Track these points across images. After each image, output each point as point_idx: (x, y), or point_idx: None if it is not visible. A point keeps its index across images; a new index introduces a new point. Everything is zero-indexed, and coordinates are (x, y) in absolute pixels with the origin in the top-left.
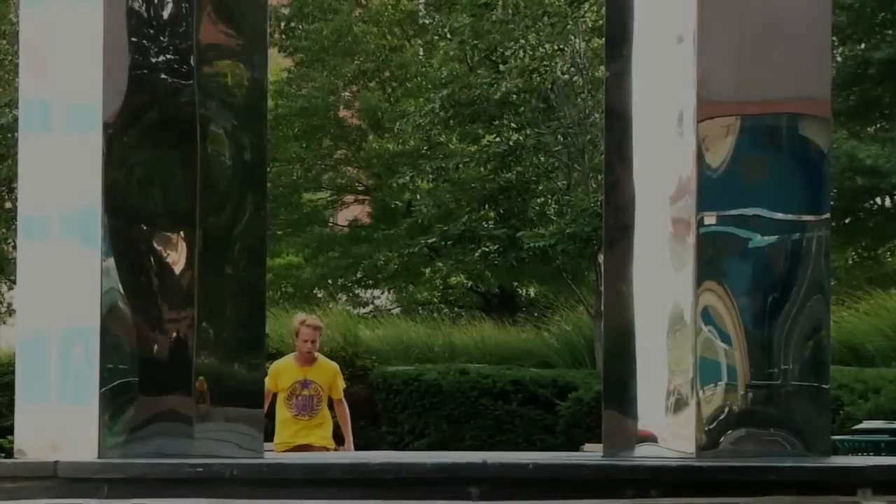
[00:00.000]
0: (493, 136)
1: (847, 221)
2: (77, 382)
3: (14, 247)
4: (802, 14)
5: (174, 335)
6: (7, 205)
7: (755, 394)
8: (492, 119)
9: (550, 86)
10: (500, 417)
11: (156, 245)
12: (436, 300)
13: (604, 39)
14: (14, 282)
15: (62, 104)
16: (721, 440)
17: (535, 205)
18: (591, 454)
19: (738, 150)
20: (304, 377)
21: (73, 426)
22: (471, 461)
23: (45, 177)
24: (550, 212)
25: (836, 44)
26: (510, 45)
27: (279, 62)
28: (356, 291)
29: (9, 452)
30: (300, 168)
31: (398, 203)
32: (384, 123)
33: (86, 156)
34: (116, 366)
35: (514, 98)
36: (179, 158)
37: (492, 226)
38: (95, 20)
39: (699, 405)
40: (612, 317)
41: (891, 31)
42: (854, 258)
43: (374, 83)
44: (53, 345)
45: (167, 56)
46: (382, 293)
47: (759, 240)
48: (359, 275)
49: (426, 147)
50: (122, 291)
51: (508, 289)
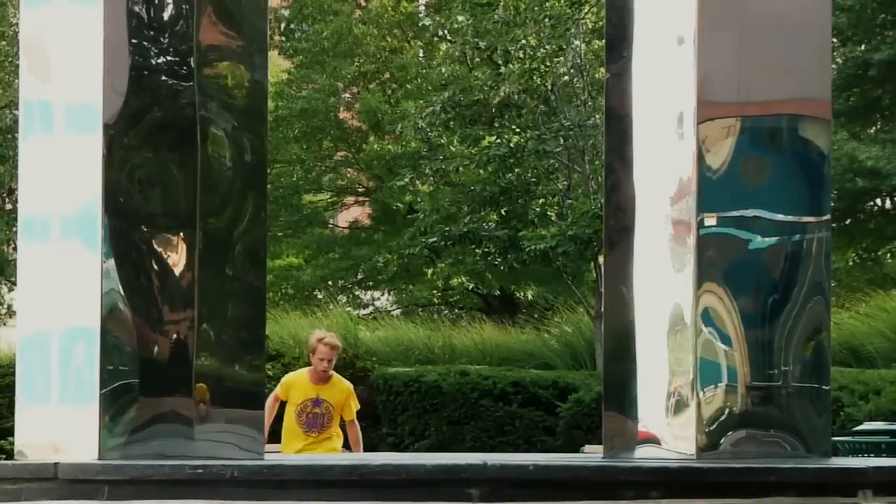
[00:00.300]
0: (494, 138)
1: (847, 223)
2: (77, 384)
3: (14, 248)
4: (803, 15)
5: (174, 336)
6: (7, 206)
7: (755, 395)
8: (492, 120)
9: (551, 87)
10: (501, 419)
11: (156, 246)
12: (436, 301)
13: (604, 41)
14: (14, 283)
15: (62, 105)
16: (721, 441)
17: (536, 206)
18: (592, 455)
19: (739, 152)
20: (317, 395)
21: (74, 427)
22: (471, 462)
23: (46, 178)
24: (551, 213)
25: (837, 45)
26: (511, 47)
27: (279, 64)
28: (356, 293)
29: (9, 454)
30: (300, 169)
31: (399, 205)
32: (384, 125)
33: (86, 157)
34: (117, 367)
35: (515, 99)
36: (179, 160)
37: (492, 227)
38: (96, 21)
39: (699, 406)
40: (613, 318)
41: (891, 33)
42: (854, 259)
43: (375, 85)
44: (54, 346)
45: (167, 57)
46: (382, 295)
47: (760, 241)
48: (359, 276)
49: (426, 149)
50: (123, 292)
51: (508, 290)
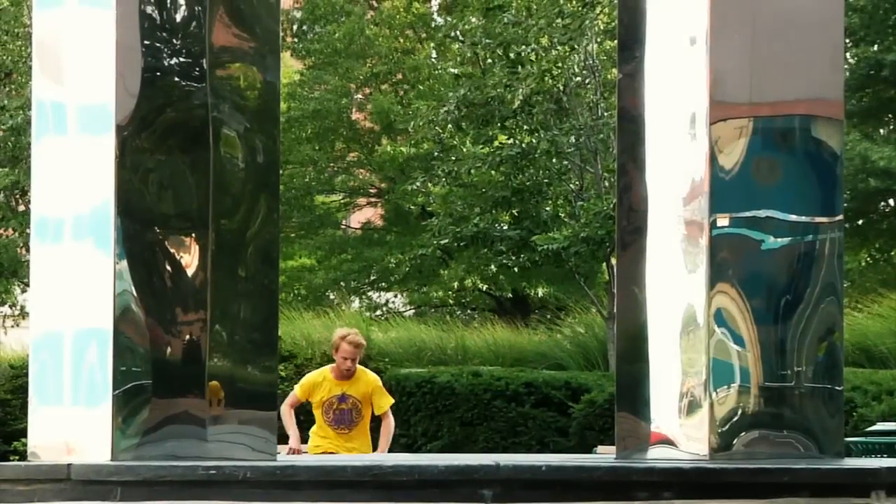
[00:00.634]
0: (507, 139)
1: (860, 223)
2: (90, 385)
3: (27, 249)
4: (815, 15)
5: (187, 337)
6: (20, 208)
7: (768, 396)
8: (504, 121)
9: (563, 88)
10: (513, 420)
11: (169, 247)
12: (449, 302)
13: (616, 41)
14: (27, 284)
15: (75, 106)
16: (734, 442)
17: (548, 207)
18: (604, 456)
19: (751, 152)
20: (342, 391)
21: (87, 428)
22: (484, 463)
23: (59, 179)
24: (563, 214)
25: (849, 46)
26: (523, 48)
27: (291, 65)
28: (369, 294)
29: (22, 455)
30: (313, 170)
31: (412, 206)
32: (397, 126)
33: (99, 158)
34: (129, 368)
35: (530, 100)
36: (192, 161)
37: (505, 228)
38: (108, 23)
39: (712, 407)
40: (625, 319)
41: None
42: (867, 260)
43: (387, 86)
44: (67, 347)
45: (180, 58)
46: (395, 296)
47: (773, 242)
48: (371, 277)
49: (439, 150)
50: (136, 294)
51: (521, 291)
